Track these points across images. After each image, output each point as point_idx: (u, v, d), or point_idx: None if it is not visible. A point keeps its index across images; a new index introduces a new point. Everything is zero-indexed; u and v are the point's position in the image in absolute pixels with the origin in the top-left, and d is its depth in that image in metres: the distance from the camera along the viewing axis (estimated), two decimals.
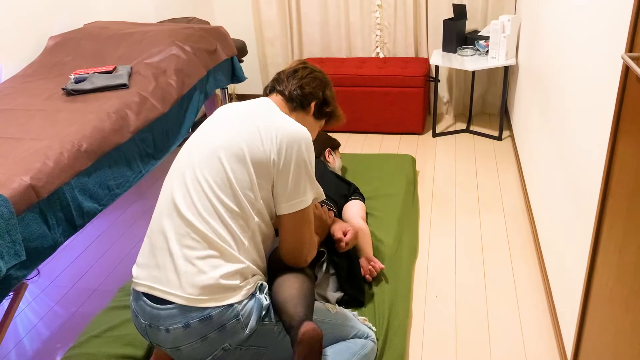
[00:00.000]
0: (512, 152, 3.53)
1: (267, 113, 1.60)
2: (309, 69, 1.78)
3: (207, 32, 3.02)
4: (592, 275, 1.57)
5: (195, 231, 1.46)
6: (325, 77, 1.81)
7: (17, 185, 1.67)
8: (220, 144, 1.54)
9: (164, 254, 1.48)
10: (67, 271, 2.62)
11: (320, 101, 1.76)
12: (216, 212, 1.48)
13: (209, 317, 1.43)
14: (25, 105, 2.30)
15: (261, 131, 1.53)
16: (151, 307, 1.47)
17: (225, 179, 1.50)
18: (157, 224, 1.54)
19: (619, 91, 1.34)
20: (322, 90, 1.77)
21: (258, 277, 1.54)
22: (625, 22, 1.34)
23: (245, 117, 1.59)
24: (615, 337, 1.35)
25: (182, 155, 1.61)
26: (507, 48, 3.42)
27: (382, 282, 2.11)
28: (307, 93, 1.72)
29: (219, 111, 1.71)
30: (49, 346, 2.15)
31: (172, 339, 1.45)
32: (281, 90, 1.73)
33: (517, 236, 2.64)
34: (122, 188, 2.15)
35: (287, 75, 1.75)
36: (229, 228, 1.48)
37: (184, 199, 1.51)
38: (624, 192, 1.29)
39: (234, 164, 1.50)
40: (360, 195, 2.56)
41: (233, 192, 1.49)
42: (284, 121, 1.57)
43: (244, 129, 1.55)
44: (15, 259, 1.60)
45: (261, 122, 1.56)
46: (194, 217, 1.47)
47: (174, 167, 1.61)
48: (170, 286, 1.45)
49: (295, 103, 1.72)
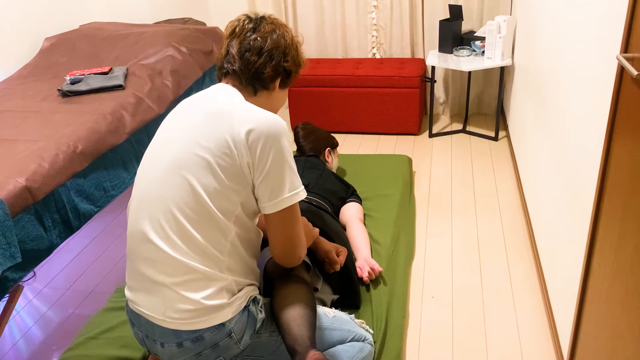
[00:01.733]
0: (508, 153, 3.54)
1: (233, 109, 1.42)
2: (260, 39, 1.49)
3: (203, 33, 3.02)
4: (588, 275, 1.57)
5: (168, 258, 1.38)
6: (280, 41, 1.51)
7: (13, 187, 1.66)
8: (181, 155, 1.40)
9: (144, 280, 1.43)
10: (63, 273, 2.61)
11: (283, 75, 1.54)
12: (187, 233, 1.38)
13: (201, 337, 1.40)
14: (20, 106, 2.29)
15: (228, 134, 1.38)
16: (146, 320, 1.46)
17: (192, 193, 1.38)
18: (132, 246, 1.46)
19: (614, 91, 1.34)
20: (282, 62, 1.52)
21: (249, 289, 1.48)
22: (620, 22, 1.34)
23: (208, 119, 1.42)
24: (611, 337, 1.35)
25: (145, 169, 1.48)
26: (502, 48, 3.43)
27: (379, 283, 2.11)
28: (267, 77, 1.50)
29: (179, 109, 1.53)
30: (45, 348, 2.14)
31: (168, 354, 1.44)
32: (235, 70, 1.49)
33: (513, 236, 2.65)
34: (118, 189, 2.15)
35: (240, 54, 1.49)
36: (203, 248, 1.38)
37: (151, 222, 1.40)
38: (620, 192, 1.30)
39: (202, 175, 1.38)
40: (357, 198, 2.56)
41: (203, 206, 1.38)
42: (254, 116, 1.40)
43: (207, 133, 1.39)
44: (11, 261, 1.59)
45: (227, 122, 1.39)
46: (164, 243, 1.38)
47: (138, 183, 1.48)
48: (157, 312, 1.41)
49: (255, 86, 1.51)
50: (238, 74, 1.50)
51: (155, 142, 1.50)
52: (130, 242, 1.47)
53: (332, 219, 2.14)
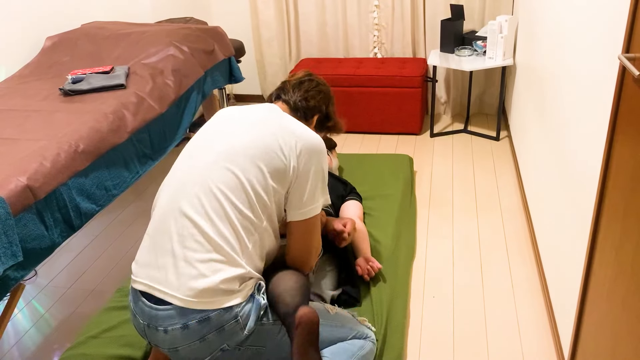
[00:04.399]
0: (510, 152, 3.54)
1: (282, 119, 1.60)
2: (314, 81, 1.79)
3: (205, 32, 3.02)
4: (589, 275, 1.57)
5: (200, 233, 1.45)
6: (329, 92, 1.83)
7: (14, 186, 1.67)
8: (233, 151, 1.52)
9: (165, 254, 1.47)
10: (64, 272, 2.62)
11: (322, 115, 1.79)
12: (225, 214, 1.46)
13: (207, 318, 1.42)
14: (22, 105, 2.30)
15: (279, 137, 1.53)
16: (150, 307, 1.46)
17: (238, 182, 1.48)
18: (160, 223, 1.52)
19: (615, 91, 1.34)
20: (325, 104, 1.79)
21: (256, 279, 1.54)
22: (622, 22, 1.34)
23: (259, 122, 1.57)
24: (612, 337, 1.35)
25: (189, 159, 1.58)
26: (504, 48, 3.43)
27: (380, 282, 2.11)
28: (312, 106, 1.75)
29: (225, 114, 1.69)
30: (47, 347, 2.14)
31: (170, 339, 1.45)
32: (286, 100, 1.75)
33: (514, 236, 2.65)
34: (119, 189, 2.15)
35: (293, 86, 1.76)
36: (236, 231, 1.47)
37: (190, 202, 1.48)
38: (621, 192, 1.30)
39: (250, 167, 1.49)
40: (357, 195, 2.56)
41: (246, 194, 1.48)
42: (302, 129, 1.58)
43: (261, 134, 1.54)
44: (13, 259, 1.59)
45: (278, 128, 1.56)
46: (201, 218, 1.46)
47: (180, 171, 1.57)
48: (169, 287, 1.44)
49: (299, 114, 1.73)
50: (288, 100, 1.74)
51: (199, 138, 1.61)
52: (158, 220, 1.52)
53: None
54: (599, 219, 1.48)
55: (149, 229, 1.56)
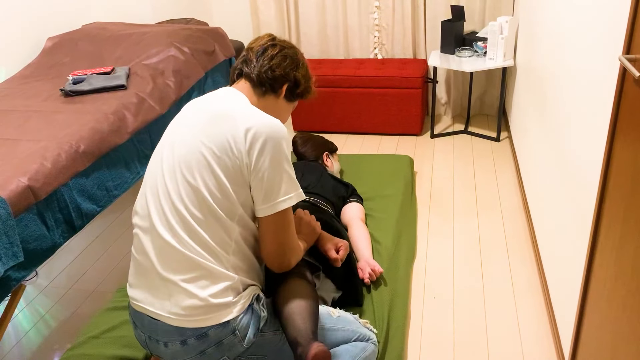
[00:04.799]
0: (510, 154, 3.54)
1: (236, 110, 1.47)
2: (278, 46, 1.62)
3: (206, 33, 3.02)
4: (589, 276, 1.57)
5: (175, 253, 1.40)
6: (297, 54, 1.65)
7: (15, 186, 1.67)
8: (186, 154, 1.44)
9: (151, 277, 1.44)
10: (65, 272, 2.62)
11: (292, 83, 1.63)
12: (193, 230, 1.40)
13: (205, 334, 1.41)
14: (23, 106, 2.30)
15: (229, 134, 1.42)
16: (149, 320, 1.46)
17: (196, 193, 1.41)
18: (139, 243, 1.48)
19: (616, 93, 1.34)
20: (293, 70, 1.62)
21: (253, 288, 1.50)
22: (623, 23, 1.34)
23: (212, 120, 1.46)
24: (613, 338, 1.35)
25: (153, 165, 1.52)
26: (504, 49, 3.43)
27: (381, 284, 2.11)
28: (278, 76, 1.59)
29: (186, 110, 1.59)
30: (47, 347, 2.15)
31: (171, 353, 1.44)
32: (248, 72, 1.59)
33: (515, 237, 2.65)
34: (120, 189, 2.15)
35: (257, 55, 1.60)
36: (209, 246, 1.41)
37: (159, 218, 1.43)
38: (621, 193, 1.30)
39: (204, 174, 1.41)
40: (358, 197, 2.56)
41: (207, 206, 1.41)
42: (255, 118, 1.45)
43: (210, 134, 1.44)
44: (14, 260, 1.59)
45: (229, 123, 1.44)
46: (173, 239, 1.41)
47: (148, 178, 1.52)
48: (162, 309, 1.42)
49: (265, 87, 1.58)
50: (251, 73, 1.58)
51: (164, 139, 1.55)
52: (137, 239, 1.49)
53: (333, 219, 2.15)
54: (600, 220, 1.48)
55: (133, 248, 1.53)
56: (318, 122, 4.02)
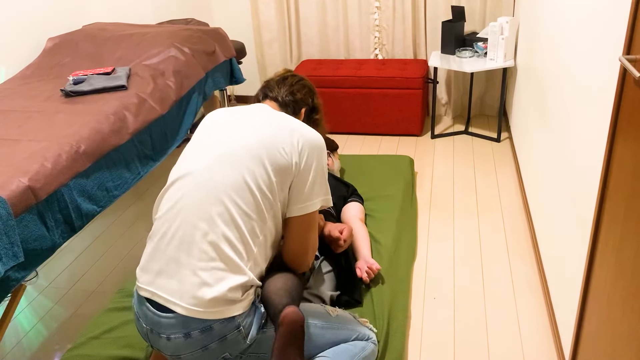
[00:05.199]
0: (511, 154, 3.54)
1: (277, 117, 1.60)
2: (297, 77, 1.83)
3: (206, 33, 3.02)
4: (590, 276, 1.57)
5: (205, 240, 1.43)
6: (312, 86, 1.86)
7: (15, 187, 1.67)
8: (238, 150, 1.51)
9: (169, 262, 1.45)
10: (65, 272, 2.62)
11: (309, 107, 1.81)
12: (232, 218, 1.45)
13: (209, 328, 1.41)
14: (23, 106, 2.30)
15: (279, 135, 1.53)
16: (153, 313, 1.45)
17: (244, 184, 1.47)
18: (164, 229, 1.50)
19: (616, 93, 1.34)
20: (311, 97, 1.83)
21: (257, 286, 1.53)
22: (623, 24, 1.34)
23: (257, 122, 1.57)
24: (613, 339, 1.35)
25: (193, 159, 1.55)
26: (505, 50, 3.43)
27: (381, 284, 2.11)
28: (299, 99, 1.77)
29: (218, 117, 1.66)
30: (48, 348, 2.15)
31: (173, 347, 1.44)
32: (273, 96, 1.76)
33: (515, 237, 2.65)
34: (120, 189, 2.15)
35: (277, 83, 1.78)
36: (242, 235, 1.45)
37: (196, 206, 1.46)
38: (622, 194, 1.30)
39: (254, 167, 1.49)
40: (358, 197, 2.56)
41: (252, 195, 1.47)
42: (299, 125, 1.59)
43: (261, 133, 1.54)
44: (14, 260, 1.59)
45: (276, 126, 1.56)
46: (206, 225, 1.44)
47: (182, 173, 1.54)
48: (173, 295, 1.42)
49: (288, 108, 1.75)
50: (275, 97, 1.76)
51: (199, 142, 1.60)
52: (161, 226, 1.51)
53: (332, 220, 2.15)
54: (600, 221, 1.48)
55: (152, 234, 1.54)
56: None
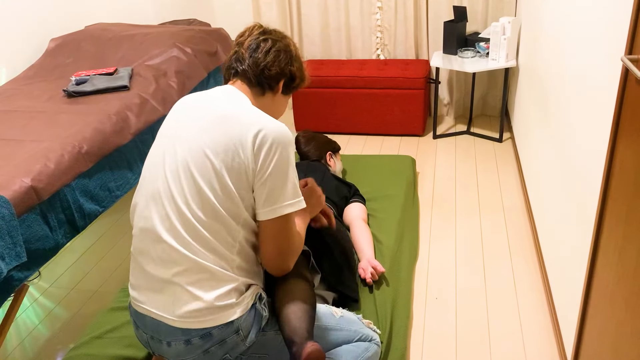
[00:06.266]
0: (513, 154, 3.53)
1: (242, 113, 1.45)
2: (270, 40, 1.58)
3: (208, 34, 3.03)
4: (592, 277, 1.57)
5: (179, 256, 1.39)
6: (289, 46, 1.61)
7: (18, 187, 1.67)
8: (190, 156, 1.42)
9: (153, 280, 1.43)
10: (68, 272, 2.62)
11: (288, 78, 1.61)
12: (198, 233, 1.39)
13: (209, 334, 1.41)
14: (26, 107, 2.31)
15: (236, 138, 1.40)
16: (151, 320, 1.46)
17: (201, 195, 1.40)
18: (140, 245, 1.47)
19: (618, 93, 1.34)
20: (288, 65, 1.60)
21: (255, 288, 1.50)
22: (625, 24, 1.34)
23: (216, 121, 1.44)
24: (615, 339, 1.35)
25: (153, 167, 1.49)
26: (507, 50, 3.43)
27: (383, 284, 2.11)
28: (274, 74, 1.56)
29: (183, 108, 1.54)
30: (50, 347, 2.15)
31: (175, 352, 1.45)
32: (244, 71, 1.55)
33: (517, 238, 2.65)
34: (122, 190, 2.16)
35: (250, 52, 1.56)
36: (215, 247, 1.40)
37: (162, 220, 1.42)
38: (624, 194, 1.30)
39: (210, 176, 1.40)
40: (360, 197, 2.56)
41: (212, 208, 1.39)
42: (262, 122, 1.43)
43: (216, 136, 1.41)
44: (17, 260, 1.60)
45: (235, 126, 1.42)
46: (176, 241, 1.40)
47: (146, 180, 1.49)
48: (166, 311, 1.41)
49: (262, 86, 1.57)
50: (247, 73, 1.55)
51: (161, 141, 1.52)
52: (138, 241, 1.48)
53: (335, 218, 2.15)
54: (602, 221, 1.48)
55: (132, 249, 1.51)
56: (320, 123, 4.02)
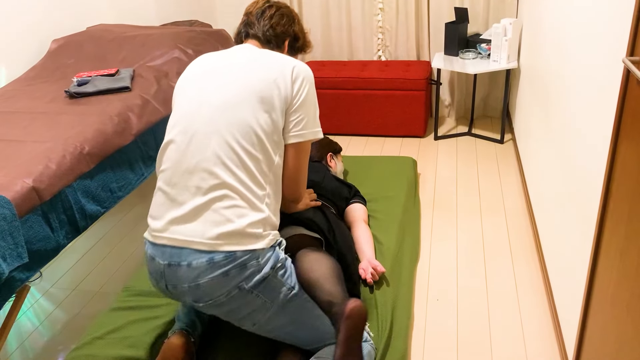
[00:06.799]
0: (514, 155, 3.53)
1: (265, 55, 1.66)
2: (274, 6, 1.84)
3: (209, 35, 3.03)
4: (593, 278, 1.57)
5: (220, 182, 1.51)
6: (292, 12, 1.87)
7: (20, 187, 1.68)
8: (235, 96, 1.58)
9: (185, 206, 1.52)
10: (69, 273, 2.63)
11: (292, 37, 1.85)
12: (241, 161, 1.53)
13: (233, 254, 1.48)
14: (28, 107, 2.31)
15: (270, 73, 1.61)
16: (173, 249, 1.51)
17: (247, 126, 1.55)
18: (174, 177, 1.56)
19: (620, 95, 1.34)
20: (291, 26, 1.85)
21: (276, 233, 1.61)
22: (626, 25, 1.34)
23: (246, 64, 1.64)
24: (616, 341, 1.35)
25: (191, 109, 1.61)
26: (508, 51, 3.43)
27: (384, 285, 2.11)
28: (279, 33, 1.81)
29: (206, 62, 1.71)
30: (52, 348, 2.15)
31: (194, 273, 1.49)
32: (254, 33, 1.80)
33: (518, 239, 2.64)
34: (124, 190, 2.16)
35: (257, 17, 1.81)
36: (252, 175, 1.54)
37: (205, 152, 1.54)
38: (625, 195, 1.30)
39: (254, 108, 1.57)
40: (361, 198, 2.56)
41: (256, 136, 1.56)
42: (286, 59, 1.66)
43: (253, 74, 1.61)
44: (18, 261, 1.60)
45: (274, 62, 1.64)
46: (219, 169, 1.52)
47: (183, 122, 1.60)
48: (195, 236, 1.49)
49: (271, 44, 1.80)
50: (257, 33, 1.80)
51: (192, 88, 1.66)
52: (169, 174, 1.57)
53: (336, 219, 2.15)
54: (604, 222, 1.48)
55: (160, 185, 1.60)
56: (321, 124, 4.02)
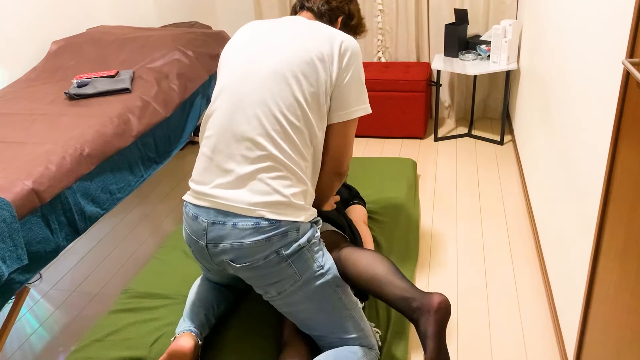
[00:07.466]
0: (514, 157, 3.53)
1: (315, 28, 1.64)
2: None
3: (210, 36, 3.03)
4: (593, 280, 1.57)
5: (266, 153, 1.52)
6: None
7: (20, 189, 1.68)
8: (282, 66, 1.57)
9: (230, 175, 1.54)
10: (69, 275, 2.62)
11: (346, 15, 1.84)
12: (285, 134, 1.54)
13: (278, 222, 1.50)
14: (28, 109, 2.31)
15: (320, 47, 1.59)
16: (218, 210, 1.53)
17: (293, 99, 1.55)
18: (220, 145, 1.57)
19: (619, 96, 1.34)
20: (348, 3, 1.84)
21: (314, 210, 1.63)
22: (626, 27, 1.34)
23: (297, 35, 1.62)
24: (617, 342, 1.35)
25: (238, 77, 1.61)
26: (508, 53, 3.43)
27: None
28: (334, 7, 1.80)
29: (257, 29, 1.70)
30: (51, 350, 2.15)
31: (239, 233, 1.51)
32: (310, 6, 1.80)
33: (518, 240, 2.64)
34: (124, 192, 2.16)
35: None
36: (297, 148, 1.55)
37: (251, 123, 1.54)
38: (625, 197, 1.29)
39: (301, 82, 1.56)
40: (361, 200, 2.56)
41: (301, 110, 1.55)
42: (337, 34, 1.63)
43: (302, 46, 1.59)
44: (18, 262, 1.60)
45: (316, 37, 1.61)
46: (263, 139, 1.53)
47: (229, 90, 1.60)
48: (241, 202, 1.50)
49: (324, 18, 1.79)
50: (312, 6, 1.80)
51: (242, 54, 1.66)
52: (215, 140, 1.58)
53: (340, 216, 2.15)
54: (604, 224, 1.48)
55: (205, 150, 1.61)
56: None
